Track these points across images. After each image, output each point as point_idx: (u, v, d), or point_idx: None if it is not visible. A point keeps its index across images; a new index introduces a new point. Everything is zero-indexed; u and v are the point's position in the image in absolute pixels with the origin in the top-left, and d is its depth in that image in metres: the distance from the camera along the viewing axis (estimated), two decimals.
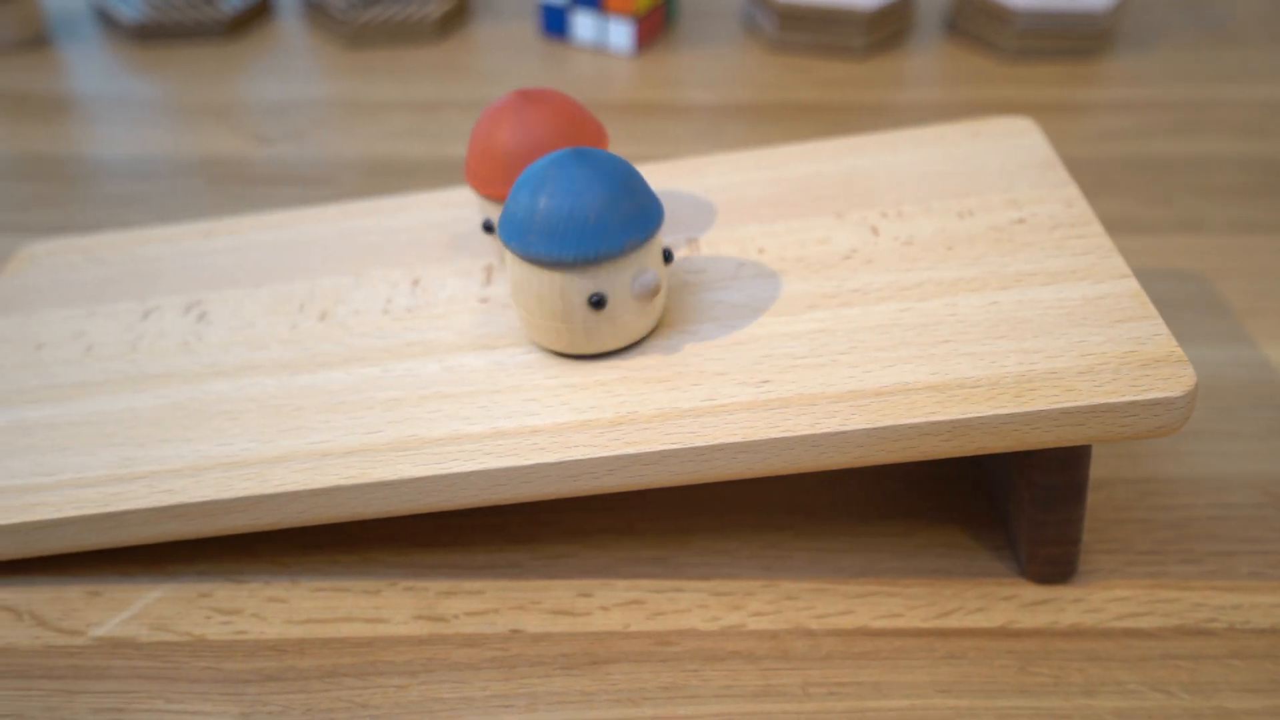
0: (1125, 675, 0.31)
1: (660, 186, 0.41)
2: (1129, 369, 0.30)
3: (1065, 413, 0.29)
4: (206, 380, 0.36)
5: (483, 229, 0.36)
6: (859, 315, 0.33)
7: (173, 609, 0.34)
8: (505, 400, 0.33)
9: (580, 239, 0.31)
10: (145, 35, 0.69)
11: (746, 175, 0.41)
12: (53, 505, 0.33)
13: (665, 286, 0.34)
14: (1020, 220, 0.36)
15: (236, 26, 0.70)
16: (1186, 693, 0.30)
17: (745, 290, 0.35)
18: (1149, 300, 0.32)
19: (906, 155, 0.41)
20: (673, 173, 0.42)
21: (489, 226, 0.37)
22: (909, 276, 0.35)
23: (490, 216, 0.37)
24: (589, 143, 0.36)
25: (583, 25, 0.67)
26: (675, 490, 0.37)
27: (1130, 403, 0.29)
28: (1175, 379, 0.30)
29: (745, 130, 0.59)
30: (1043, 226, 0.36)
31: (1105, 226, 0.36)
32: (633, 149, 0.56)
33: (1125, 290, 0.33)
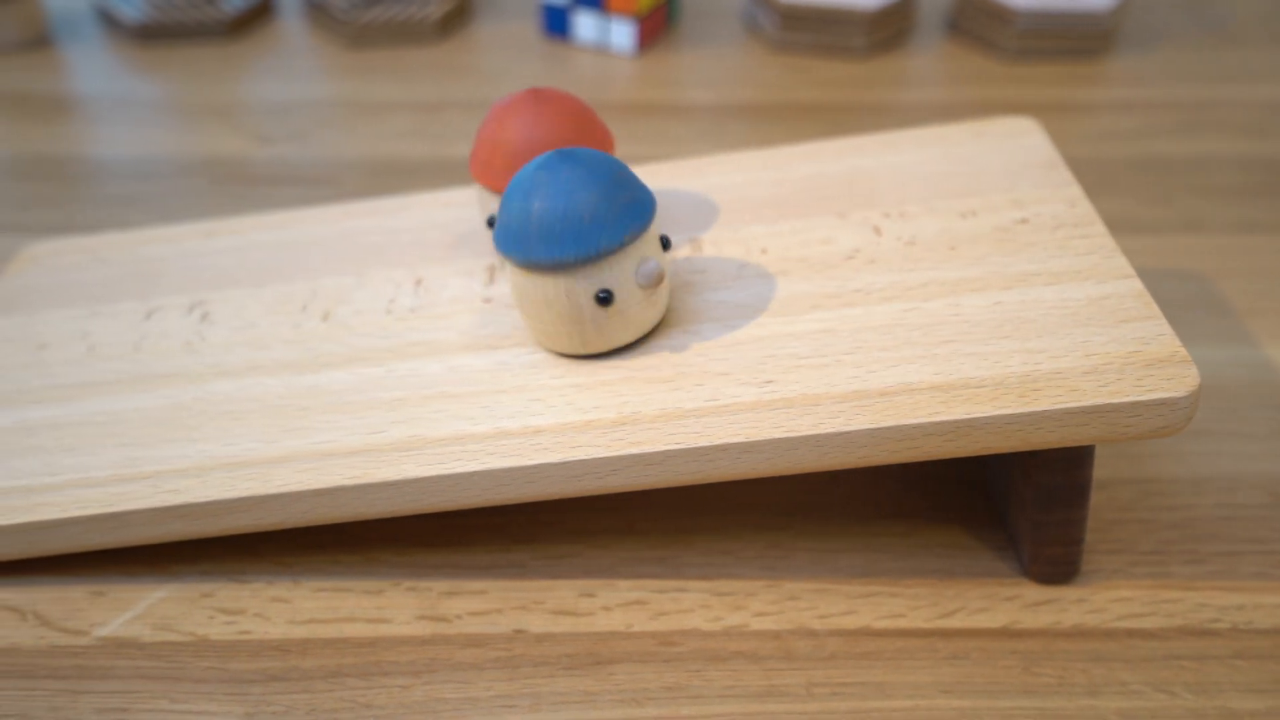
0: (1129, 676, 0.31)
1: (662, 186, 0.41)
2: (1133, 369, 0.30)
3: (1069, 413, 0.29)
4: (210, 380, 0.36)
5: (487, 225, 0.36)
6: (862, 315, 0.33)
7: (176, 609, 0.34)
8: (509, 400, 0.33)
9: (579, 237, 0.31)
10: (147, 35, 0.69)
11: (749, 175, 0.41)
12: (57, 505, 0.33)
13: (668, 273, 0.34)
14: (1023, 220, 0.36)
15: (238, 26, 0.70)
16: (1190, 693, 0.30)
17: (748, 290, 0.35)
18: (1152, 300, 0.32)
19: (909, 155, 0.41)
20: (675, 173, 0.42)
21: (493, 222, 0.37)
22: (912, 276, 0.35)
23: (494, 211, 0.37)
24: (594, 144, 0.36)
25: (584, 25, 0.67)
26: (678, 490, 0.37)
27: (1134, 403, 0.29)
28: (1179, 379, 0.30)
29: (747, 130, 0.59)
30: (1046, 226, 0.36)
31: (1106, 227, 0.36)
32: (634, 149, 0.56)
33: (1129, 290, 0.33)
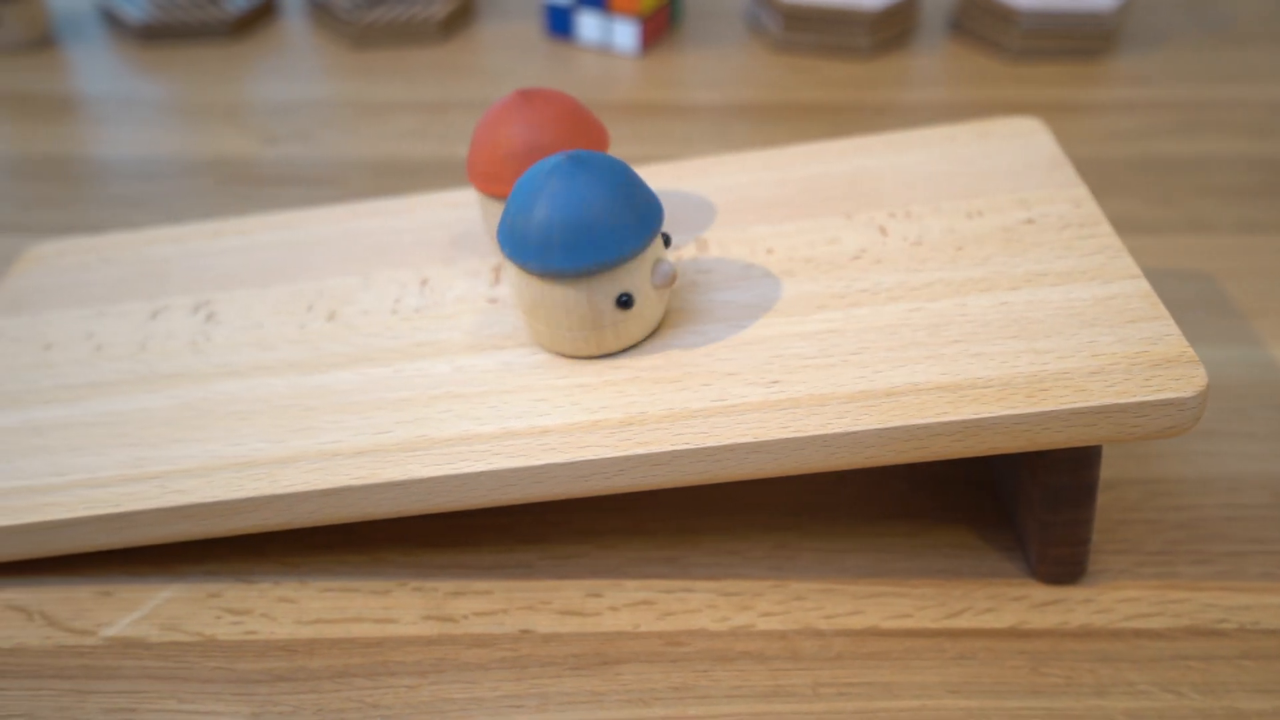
0: (1136, 676, 0.31)
1: (667, 187, 0.41)
2: (1140, 369, 0.30)
3: (1077, 413, 0.29)
4: (216, 380, 0.36)
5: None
6: (868, 315, 0.33)
7: (183, 609, 0.34)
8: (515, 400, 0.33)
9: (602, 245, 0.31)
10: (150, 35, 0.69)
11: (754, 176, 0.41)
12: (64, 505, 0.33)
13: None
14: (1029, 220, 0.36)
15: (241, 27, 0.70)
16: (1198, 693, 0.30)
17: (754, 290, 0.35)
18: (1159, 300, 0.32)
19: (914, 155, 0.41)
20: (680, 173, 0.42)
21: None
22: (918, 277, 0.35)
23: (491, 214, 0.37)
24: (591, 143, 0.36)
25: (588, 25, 0.67)
26: (684, 490, 0.37)
27: (1142, 403, 0.29)
28: (1187, 379, 0.30)
29: (750, 130, 0.59)
30: (1052, 227, 0.36)
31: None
32: (637, 149, 0.56)
33: (1136, 290, 0.33)
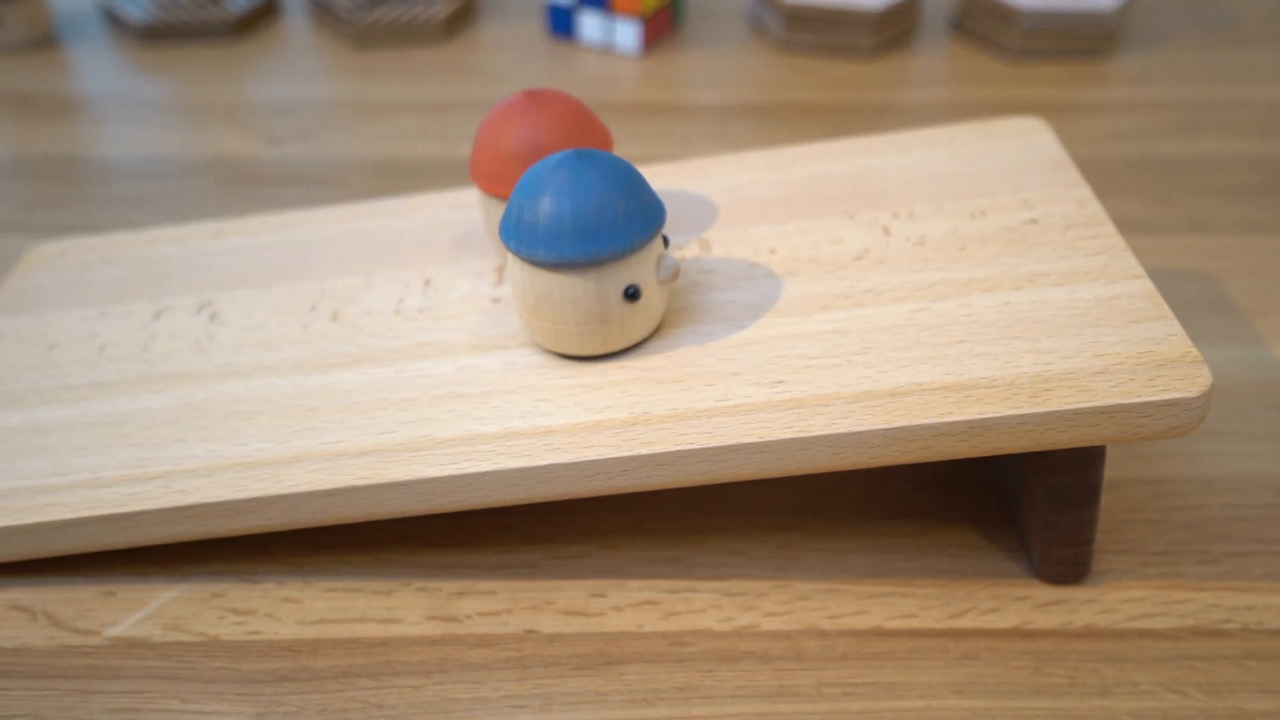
0: (1140, 676, 0.31)
1: (670, 187, 0.41)
2: (1144, 369, 0.30)
3: (1081, 413, 0.29)
4: (220, 380, 0.36)
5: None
6: (872, 315, 0.33)
7: (187, 609, 0.34)
8: (519, 400, 0.33)
9: (614, 233, 0.31)
10: (152, 36, 0.69)
11: (756, 176, 0.41)
12: (68, 506, 0.33)
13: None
14: (1033, 221, 0.36)
15: (243, 27, 0.70)
16: (1202, 693, 0.30)
17: (757, 290, 0.35)
18: (1163, 300, 0.32)
19: (917, 155, 0.41)
20: (682, 173, 0.42)
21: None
22: (922, 277, 0.35)
23: (493, 214, 0.37)
24: (594, 144, 0.36)
25: (589, 25, 0.67)
26: (688, 490, 0.37)
27: (1146, 403, 0.29)
28: (1191, 379, 0.30)
29: (752, 130, 0.59)
30: (1055, 227, 0.36)
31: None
32: (639, 149, 0.56)
33: (1139, 290, 0.33)
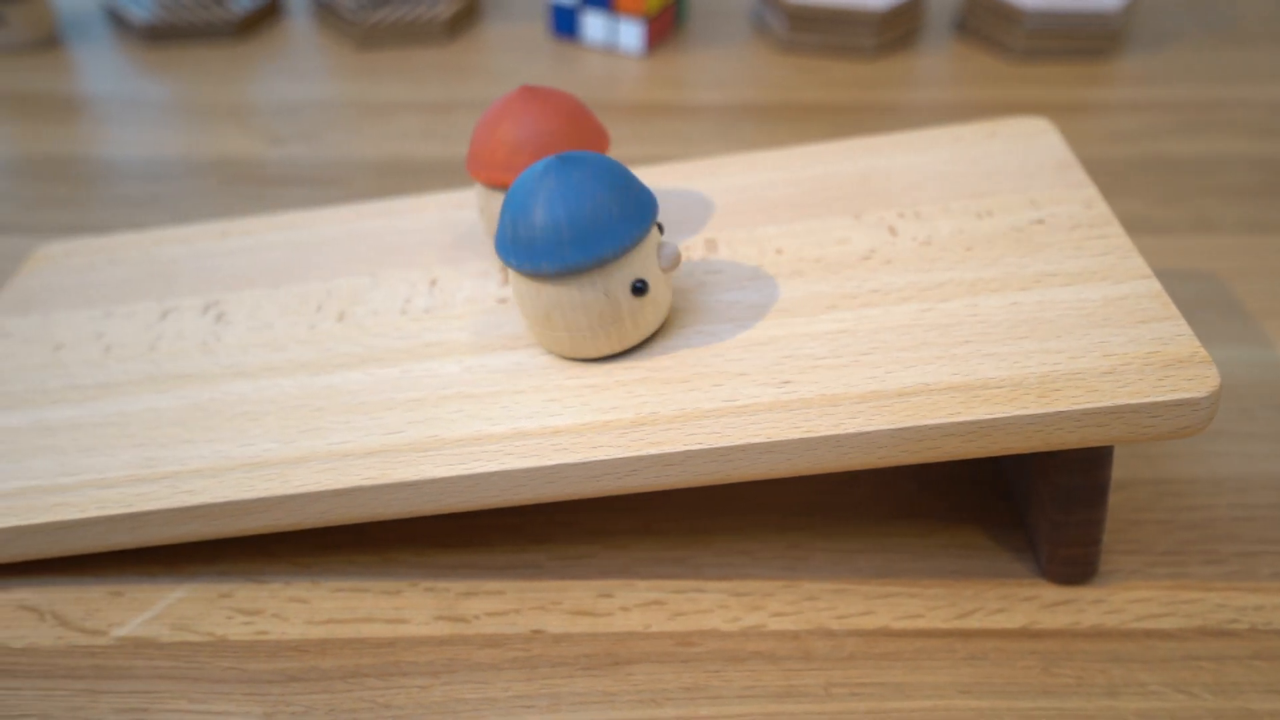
0: (1148, 676, 0.31)
1: (674, 187, 0.41)
2: (1152, 369, 0.30)
3: (1088, 413, 0.29)
4: (226, 381, 0.36)
5: None
6: (879, 316, 0.33)
7: (194, 609, 0.34)
8: (526, 400, 0.33)
9: (613, 231, 0.31)
10: (156, 36, 0.69)
11: (761, 176, 0.41)
12: (75, 506, 0.33)
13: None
14: (1039, 221, 0.36)
15: (247, 27, 0.70)
16: (1210, 694, 0.30)
17: (764, 291, 0.35)
18: (1170, 301, 0.32)
19: (923, 155, 0.41)
20: (687, 173, 0.42)
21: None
22: (929, 277, 0.35)
23: (490, 207, 0.37)
24: (589, 143, 0.36)
25: (593, 25, 0.67)
26: (695, 490, 0.37)
27: (1154, 403, 0.29)
28: (1199, 379, 0.30)
29: (755, 131, 0.59)
30: (1062, 227, 0.36)
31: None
32: (642, 149, 0.56)
33: (1146, 290, 0.33)
